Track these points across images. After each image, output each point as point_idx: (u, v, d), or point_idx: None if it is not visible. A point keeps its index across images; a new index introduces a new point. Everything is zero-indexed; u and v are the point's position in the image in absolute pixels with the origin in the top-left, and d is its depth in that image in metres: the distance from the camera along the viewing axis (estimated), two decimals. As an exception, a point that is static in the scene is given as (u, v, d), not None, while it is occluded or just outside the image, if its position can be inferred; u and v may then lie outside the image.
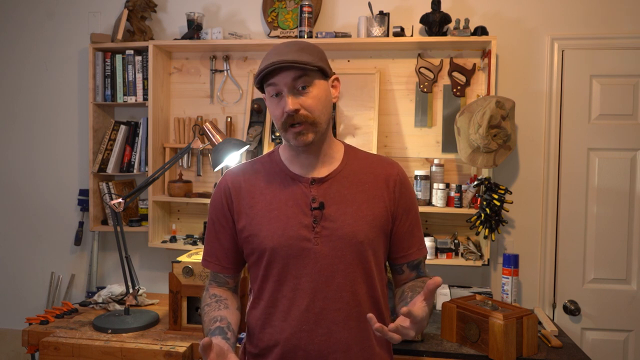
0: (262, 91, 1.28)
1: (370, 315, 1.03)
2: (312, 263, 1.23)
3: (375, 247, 1.29)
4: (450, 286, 2.33)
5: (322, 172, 1.29)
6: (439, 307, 2.24)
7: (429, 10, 2.33)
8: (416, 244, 1.36)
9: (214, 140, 2.16)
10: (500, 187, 2.22)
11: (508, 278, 2.20)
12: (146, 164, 2.54)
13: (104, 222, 2.63)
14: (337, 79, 1.30)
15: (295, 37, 2.43)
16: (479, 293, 2.17)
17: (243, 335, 1.40)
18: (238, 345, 1.54)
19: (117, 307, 2.25)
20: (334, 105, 2.09)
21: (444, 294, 2.24)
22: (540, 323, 2.12)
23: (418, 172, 2.34)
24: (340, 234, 1.24)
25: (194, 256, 2.06)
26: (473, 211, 2.27)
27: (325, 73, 1.25)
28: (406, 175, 1.37)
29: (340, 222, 1.25)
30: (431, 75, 2.42)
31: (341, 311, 1.24)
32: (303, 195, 1.26)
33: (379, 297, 1.31)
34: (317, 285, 1.23)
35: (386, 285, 1.36)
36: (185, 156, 2.61)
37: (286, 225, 1.24)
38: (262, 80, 1.24)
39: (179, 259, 2.02)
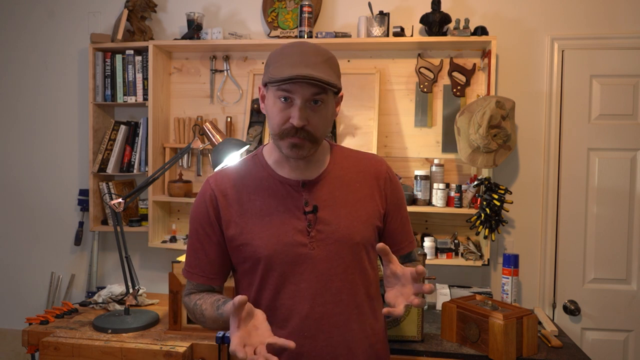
0: (264, 84, 1.19)
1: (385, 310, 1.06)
2: (309, 269, 1.21)
3: (369, 246, 1.29)
4: (450, 286, 2.32)
5: (311, 174, 1.26)
6: (439, 307, 2.24)
7: (429, 10, 2.33)
8: (407, 238, 1.38)
9: (214, 140, 2.16)
10: (500, 187, 2.22)
11: (508, 278, 2.19)
12: (146, 164, 2.54)
13: (104, 222, 2.63)
14: (341, 96, 1.27)
15: (296, 37, 2.43)
16: (479, 293, 2.17)
17: None
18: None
19: (117, 307, 2.25)
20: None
21: (444, 294, 2.24)
22: (540, 323, 2.11)
23: (418, 172, 2.33)
24: (336, 237, 1.23)
25: (194, 256, 2.06)
26: (473, 211, 2.27)
27: (337, 91, 1.21)
28: (393, 171, 1.38)
29: (335, 225, 1.23)
30: (431, 75, 2.42)
31: (341, 314, 1.23)
32: (294, 199, 1.23)
33: (374, 295, 1.31)
34: (316, 291, 1.22)
35: (379, 283, 1.35)
36: (185, 156, 2.61)
37: (280, 231, 1.21)
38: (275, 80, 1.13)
39: (179, 259, 2.02)
